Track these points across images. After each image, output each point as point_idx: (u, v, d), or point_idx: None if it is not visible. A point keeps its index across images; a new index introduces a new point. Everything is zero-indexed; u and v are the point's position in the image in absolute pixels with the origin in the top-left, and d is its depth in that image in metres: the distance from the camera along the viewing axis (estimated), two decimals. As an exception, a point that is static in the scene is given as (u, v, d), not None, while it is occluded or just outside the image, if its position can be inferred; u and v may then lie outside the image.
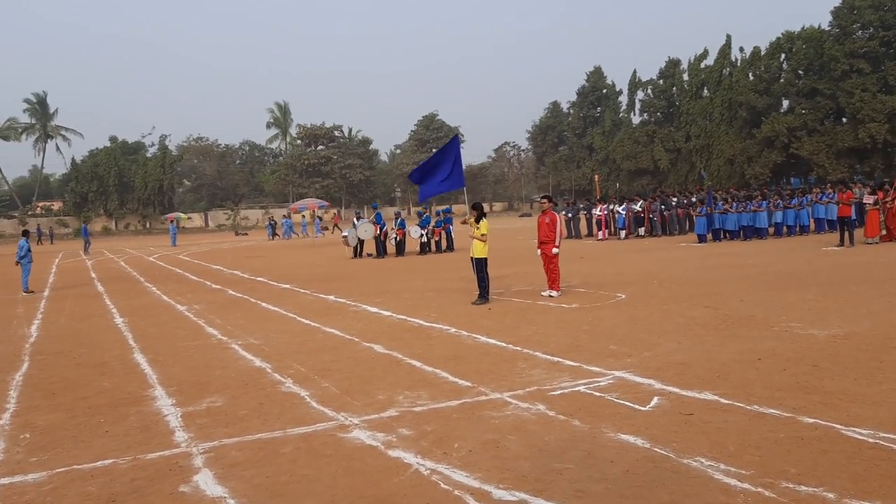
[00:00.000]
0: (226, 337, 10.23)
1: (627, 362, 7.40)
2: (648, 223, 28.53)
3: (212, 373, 7.89)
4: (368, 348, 8.86)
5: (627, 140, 73.07)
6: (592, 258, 20.44)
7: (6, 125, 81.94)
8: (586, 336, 8.96)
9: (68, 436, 5.73)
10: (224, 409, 6.34)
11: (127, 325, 11.90)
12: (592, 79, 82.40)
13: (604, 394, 6.24)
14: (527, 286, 14.27)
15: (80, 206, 78.20)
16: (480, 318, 10.83)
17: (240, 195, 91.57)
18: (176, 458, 5.09)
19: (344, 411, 6.08)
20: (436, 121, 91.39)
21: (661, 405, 5.84)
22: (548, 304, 11.79)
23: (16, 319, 13.39)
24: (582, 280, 14.91)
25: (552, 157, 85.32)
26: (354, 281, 17.43)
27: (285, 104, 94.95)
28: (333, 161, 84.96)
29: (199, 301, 14.86)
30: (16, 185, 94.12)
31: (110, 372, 8.23)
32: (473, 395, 6.44)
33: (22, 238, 19.38)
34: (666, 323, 9.56)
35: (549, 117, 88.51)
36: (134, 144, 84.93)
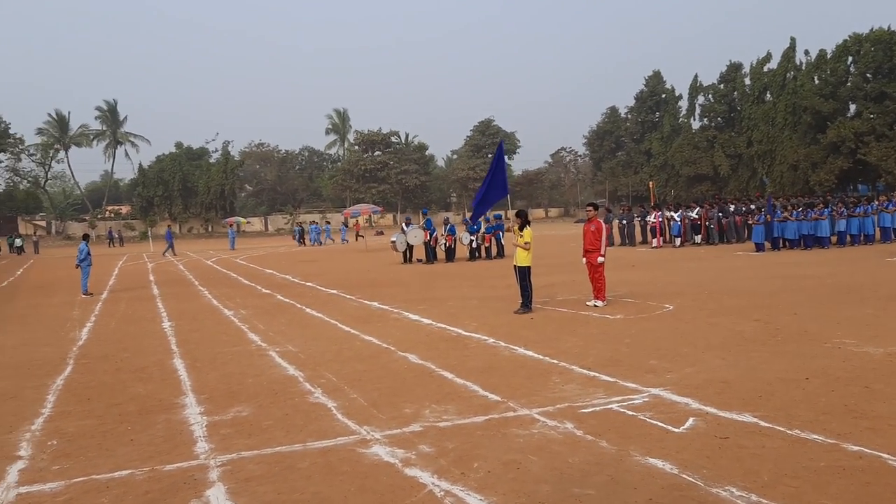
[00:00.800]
0: (265, 343, 10.27)
1: (666, 379, 7.11)
2: (705, 231, 27.76)
3: (244, 381, 7.90)
4: (403, 358, 8.76)
5: (687, 145, 71.54)
6: (644, 267, 19.96)
7: (79, 132, 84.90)
8: (627, 350, 8.67)
9: (94, 443, 5.77)
10: (249, 420, 6.31)
11: (172, 330, 12.08)
12: (651, 83, 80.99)
13: (637, 413, 5.99)
14: (572, 295, 13.98)
15: (146, 210, 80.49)
16: (521, 328, 10.62)
17: (299, 200, 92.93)
18: (193, 470, 5.06)
19: (367, 425, 5.98)
20: (492, 126, 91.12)
21: (695, 427, 5.56)
22: (591, 315, 11.50)
23: (69, 322, 13.74)
24: (630, 289, 14.54)
25: (609, 163, 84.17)
26: (401, 287, 17.39)
27: (344, 111, 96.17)
28: (390, 166, 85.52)
29: (246, 306, 15.02)
30: (88, 190, 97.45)
31: (147, 377, 8.32)
32: (501, 410, 6.26)
33: (82, 242, 19.96)
34: (712, 337, 9.19)
35: (606, 122, 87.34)
36: (198, 150, 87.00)
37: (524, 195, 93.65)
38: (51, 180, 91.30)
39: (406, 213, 71.81)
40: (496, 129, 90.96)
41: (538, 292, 13.76)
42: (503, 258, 24.93)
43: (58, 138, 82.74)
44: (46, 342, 11.32)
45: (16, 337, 12.07)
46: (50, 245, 67.68)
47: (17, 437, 6.06)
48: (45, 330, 12.78)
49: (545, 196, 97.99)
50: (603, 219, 27.17)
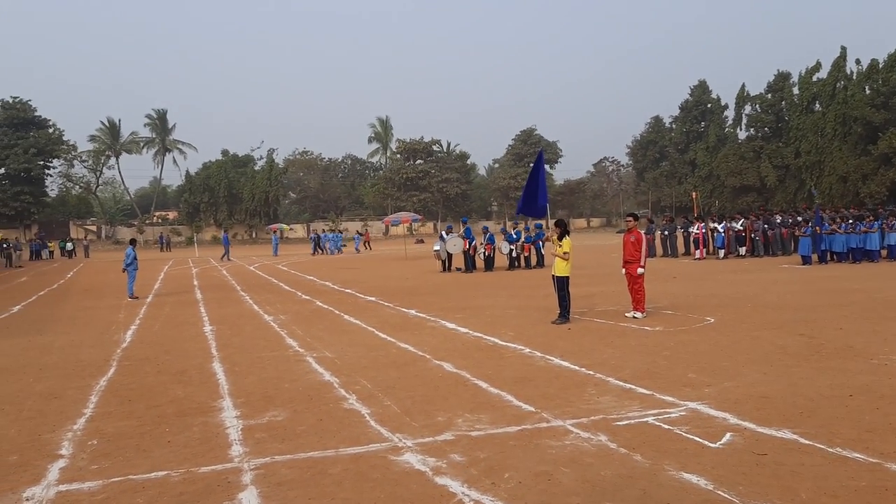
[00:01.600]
0: (303, 349, 10.37)
1: (704, 393, 6.99)
2: (750, 243, 27.27)
3: (281, 385, 7.98)
4: (438, 366, 8.76)
5: (732, 156, 70.45)
6: (686, 278, 19.67)
7: (129, 139, 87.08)
8: (665, 362, 8.55)
9: (132, 444, 5.88)
10: (284, 424, 6.37)
11: (213, 334, 12.27)
12: (696, 93, 80.00)
13: (673, 426, 5.89)
14: (612, 306, 13.84)
15: (192, 215, 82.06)
16: (558, 338, 10.54)
17: (341, 207, 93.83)
18: (227, 473, 5.12)
19: (400, 432, 5.99)
20: (534, 135, 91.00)
21: (732, 442, 5.45)
22: (630, 326, 11.37)
23: (115, 324, 14.05)
24: (670, 301, 14.34)
25: (653, 173, 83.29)
26: (438, 296, 17.41)
27: (386, 119, 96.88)
28: (431, 175, 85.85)
29: (285, 311, 15.19)
30: (137, 196, 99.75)
31: (187, 380, 8.46)
32: (535, 421, 6.22)
33: (129, 246, 20.42)
34: (753, 351, 9.01)
35: (650, 132, 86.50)
36: (244, 157, 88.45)
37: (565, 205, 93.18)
38: (102, 186, 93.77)
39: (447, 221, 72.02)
40: (538, 138, 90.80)
41: (577, 303, 13.66)
42: (542, 268, 24.79)
43: (109, 145, 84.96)
44: (92, 344, 11.59)
45: (64, 338, 12.38)
46: (100, 249, 69.40)
47: (60, 436, 6.21)
48: (92, 332, 13.08)
49: (587, 206, 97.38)
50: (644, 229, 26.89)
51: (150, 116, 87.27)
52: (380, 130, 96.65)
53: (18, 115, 74.67)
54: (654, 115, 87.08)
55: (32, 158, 73.76)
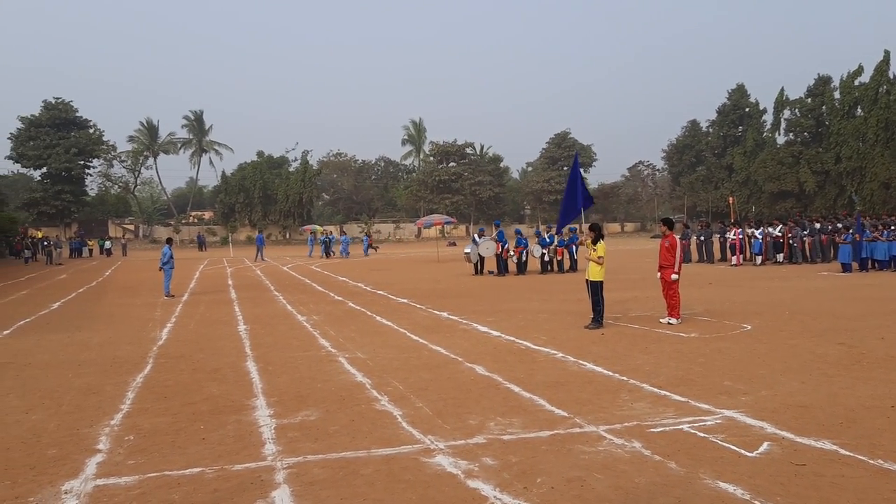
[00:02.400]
0: (335, 350, 10.42)
1: (741, 401, 6.87)
2: (788, 249, 26.81)
3: (314, 385, 8.02)
4: (470, 369, 8.74)
5: (771, 161, 69.34)
6: (722, 284, 19.39)
7: (167, 140, 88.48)
8: (700, 369, 8.43)
9: (168, 441, 5.96)
10: (317, 424, 6.40)
11: (247, 333, 12.39)
12: (734, 97, 78.92)
13: (708, 434, 5.80)
14: (646, 312, 13.70)
15: (227, 216, 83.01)
16: (591, 343, 10.46)
17: (374, 209, 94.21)
18: (260, 471, 5.16)
19: (432, 434, 5.98)
20: (568, 139, 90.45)
21: (770, 452, 5.35)
22: (664, 332, 11.23)
23: (151, 322, 14.26)
24: (706, 308, 14.15)
25: (688, 177, 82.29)
26: (471, 298, 17.38)
27: (420, 121, 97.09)
28: (464, 178, 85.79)
29: (318, 312, 15.29)
30: (174, 196, 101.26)
31: (221, 378, 8.55)
32: (567, 426, 6.17)
33: (165, 245, 20.73)
34: (791, 359, 8.84)
35: (686, 136, 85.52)
36: (279, 159, 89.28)
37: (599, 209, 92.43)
38: (140, 186, 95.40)
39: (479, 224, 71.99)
40: (572, 141, 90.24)
41: (610, 308, 13.55)
42: (576, 272, 24.63)
43: (147, 145, 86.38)
44: (129, 341, 11.77)
45: (102, 335, 12.59)
46: (137, 248, 70.56)
47: (98, 430, 6.31)
48: (129, 329, 13.29)
49: (621, 210, 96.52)
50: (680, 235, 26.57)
51: (188, 118, 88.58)
52: (413, 133, 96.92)
53: (60, 115, 76.31)
54: (691, 119, 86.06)
55: (73, 158, 75.31)
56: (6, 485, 4.99)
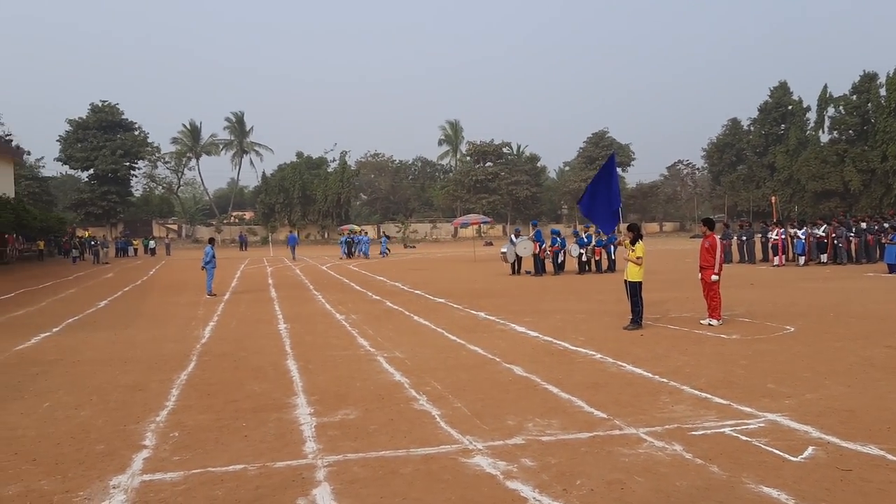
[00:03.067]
0: (374, 349, 10.50)
1: (785, 404, 6.77)
2: (832, 250, 26.25)
3: (353, 384, 8.10)
4: (508, 370, 8.74)
5: (814, 159, 68.06)
6: (764, 285, 19.08)
7: (209, 142, 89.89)
8: (742, 371, 8.31)
9: (211, 437, 6.07)
10: (356, 423, 6.46)
11: (288, 332, 12.55)
12: (777, 94, 77.63)
13: (751, 438, 5.72)
14: (686, 313, 13.54)
15: (267, 216, 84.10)
16: (630, 344, 10.38)
17: (411, 209, 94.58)
18: (301, 469, 5.23)
19: (470, 435, 6.00)
20: (605, 138, 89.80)
21: (815, 456, 5.26)
22: (705, 334, 11.10)
23: (194, 321, 14.52)
24: (747, 309, 13.93)
25: (729, 177, 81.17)
26: (508, 298, 17.37)
27: (457, 122, 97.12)
28: (501, 177, 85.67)
29: (357, 311, 15.42)
30: (216, 196, 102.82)
31: (263, 377, 8.68)
32: (607, 428, 6.14)
33: (208, 245, 21.07)
34: (837, 362, 8.67)
35: (727, 134, 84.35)
36: (317, 160, 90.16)
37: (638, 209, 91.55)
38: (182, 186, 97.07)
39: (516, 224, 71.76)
40: (610, 140, 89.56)
41: (650, 309, 13.43)
42: (613, 272, 24.45)
43: (190, 147, 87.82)
44: (173, 339, 12.01)
45: (147, 332, 12.87)
46: (180, 247, 71.84)
47: (144, 427, 6.46)
48: (173, 327, 13.55)
49: (660, 210, 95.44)
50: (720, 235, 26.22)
51: (229, 119, 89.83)
52: (450, 133, 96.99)
53: (107, 117, 78.12)
54: (732, 118, 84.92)
55: (119, 160, 77.07)
56: (57, 479, 5.13)
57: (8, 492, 4.91)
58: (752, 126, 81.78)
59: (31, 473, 5.28)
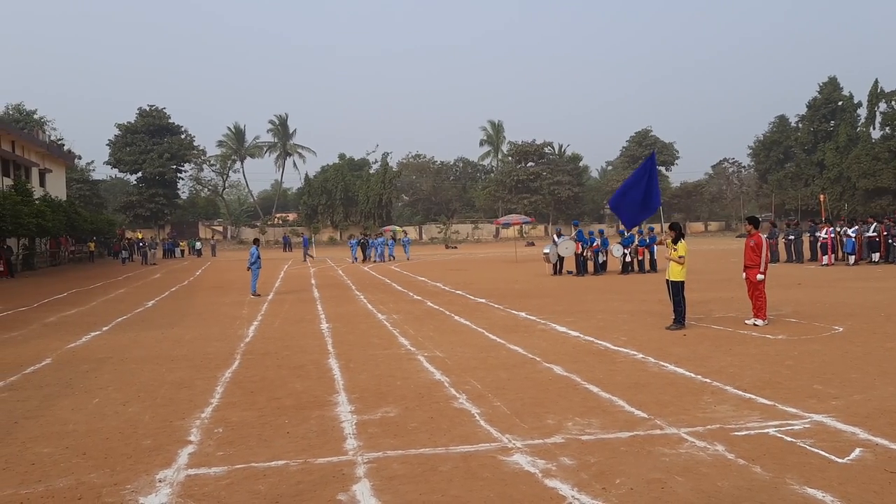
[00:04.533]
0: (414, 348, 10.56)
1: (832, 405, 6.63)
2: (885, 248, 25.54)
3: (393, 383, 8.16)
4: (548, 369, 8.72)
5: (865, 156, 66.32)
6: (812, 285, 18.67)
7: (253, 144, 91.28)
8: (788, 372, 8.16)
9: (254, 433, 6.18)
10: (396, 420, 6.52)
11: (330, 331, 12.68)
12: (826, 90, 75.81)
13: (796, 439, 5.62)
14: (730, 313, 13.33)
15: (310, 217, 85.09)
16: (672, 344, 10.26)
17: (452, 210, 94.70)
18: (342, 465, 5.30)
19: (510, 433, 6.00)
20: (649, 136, 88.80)
21: (862, 458, 5.15)
22: (750, 334, 10.91)
23: (238, 320, 14.76)
24: (794, 309, 13.66)
25: (776, 175, 79.55)
26: (549, 298, 17.29)
27: (499, 122, 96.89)
28: (542, 177, 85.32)
29: (398, 311, 15.51)
30: (260, 198, 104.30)
31: (305, 374, 8.80)
32: (647, 427, 6.09)
33: (253, 246, 21.40)
34: (887, 363, 8.46)
35: (774, 132, 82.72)
36: (359, 161, 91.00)
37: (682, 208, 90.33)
38: (227, 189, 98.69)
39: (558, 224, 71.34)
40: (653, 139, 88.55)
41: (693, 308, 13.26)
42: (656, 272, 24.16)
43: (235, 150, 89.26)
44: (218, 338, 12.23)
45: (193, 331, 13.13)
46: (225, 248, 73.09)
47: (189, 423, 6.60)
48: (218, 326, 13.81)
49: (705, 209, 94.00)
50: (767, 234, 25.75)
51: (273, 122, 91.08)
52: (491, 133, 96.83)
53: (154, 122, 79.89)
54: (779, 115, 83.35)
55: (166, 163, 78.77)
56: (106, 472, 5.28)
57: (60, 484, 5.07)
58: (800, 123, 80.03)
59: (81, 467, 5.44)
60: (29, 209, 35.90)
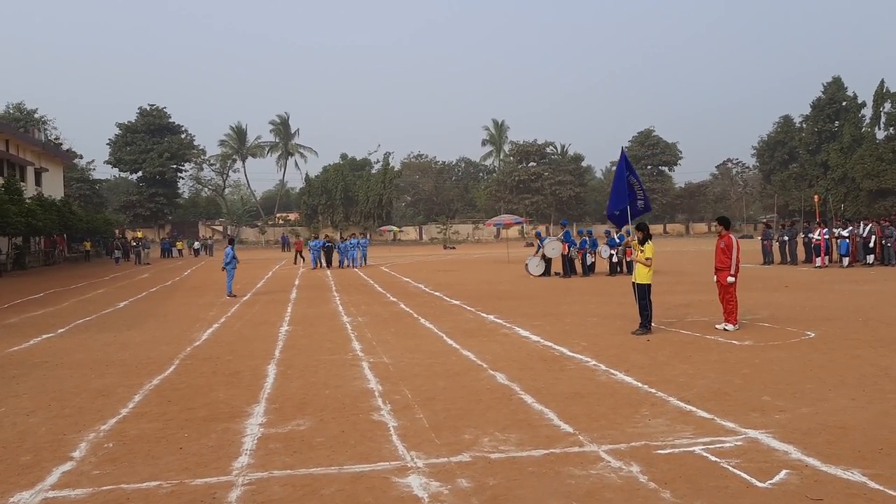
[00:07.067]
0: (363, 353, 10.13)
1: (773, 420, 6.15)
2: (880, 250, 24.95)
3: (322, 391, 7.72)
4: (490, 377, 8.26)
5: (869, 157, 65.53)
6: (799, 287, 18.13)
7: (254, 144, 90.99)
8: (741, 381, 7.68)
9: (144, 450, 5.73)
10: (303, 435, 6.07)
11: (286, 335, 12.25)
12: (830, 90, 74.97)
13: (721, 459, 5.15)
14: (704, 317, 12.85)
15: (310, 217, 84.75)
16: (632, 350, 9.79)
17: (454, 210, 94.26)
18: (218, 487, 4.85)
19: (417, 450, 5.55)
20: (652, 136, 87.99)
21: (786, 482, 4.67)
22: (716, 340, 10.43)
23: (200, 322, 14.34)
24: (772, 312, 13.17)
25: (780, 175, 78.73)
26: (526, 301, 16.82)
27: (501, 122, 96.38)
28: (544, 177, 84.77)
29: (366, 313, 15.07)
30: (264, 197, 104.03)
31: (235, 382, 8.36)
32: (567, 444, 5.63)
33: (228, 246, 21.02)
34: (848, 372, 7.97)
35: (778, 132, 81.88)
36: (361, 161, 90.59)
37: (686, 208, 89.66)
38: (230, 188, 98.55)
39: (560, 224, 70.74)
40: (656, 139, 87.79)
41: (669, 312, 12.85)
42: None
43: (237, 149, 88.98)
44: (168, 341, 11.80)
45: (147, 334, 12.71)
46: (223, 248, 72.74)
47: (82, 437, 6.15)
48: (176, 328, 13.39)
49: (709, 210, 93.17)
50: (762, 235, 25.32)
51: (274, 122, 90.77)
52: (494, 133, 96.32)
53: (154, 121, 79.75)
54: (784, 115, 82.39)
55: (166, 162, 78.62)
56: (-35, 492, 4.86)
57: None
58: (804, 123, 79.18)
59: (-58, 485, 5.02)
60: (18, 208, 35.63)
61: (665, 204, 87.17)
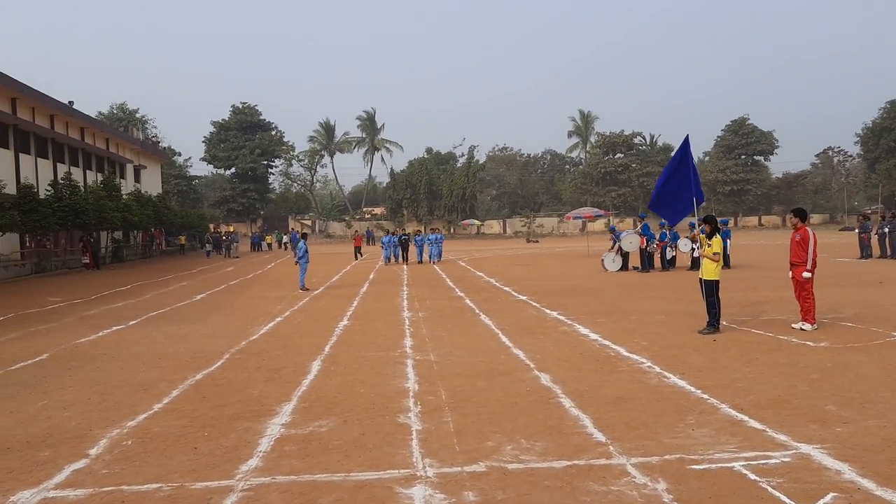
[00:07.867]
0: (412, 350, 9.90)
1: (833, 433, 5.53)
2: None
3: (356, 390, 7.52)
4: (534, 378, 7.87)
5: None
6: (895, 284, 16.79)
7: (342, 139, 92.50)
8: (807, 388, 7.02)
9: (160, 449, 5.65)
10: (322, 437, 5.86)
11: (342, 330, 12.17)
12: (945, 70, 69.72)
13: (762, 478, 4.63)
14: (781, 315, 12.03)
15: (395, 211, 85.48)
16: (693, 351, 9.18)
17: (539, 203, 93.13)
18: (216, 492, 4.68)
19: (432, 457, 5.25)
20: (746, 125, 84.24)
21: (830, 508, 4.13)
22: (790, 340, 9.66)
23: (265, 315, 14.45)
24: (858, 311, 12.19)
25: (886, 164, 73.95)
26: (595, 297, 16.22)
27: (588, 112, 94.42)
28: (631, 169, 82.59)
29: (429, 308, 14.86)
30: (353, 192, 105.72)
31: (276, 378, 8.28)
32: (594, 455, 5.20)
33: (301, 241, 21.26)
34: (933, 380, 7.17)
35: (885, 118, 76.85)
36: (446, 155, 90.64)
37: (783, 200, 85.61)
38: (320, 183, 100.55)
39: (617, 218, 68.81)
40: (751, 128, 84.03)
41: (744, 309, 12.17)
42: (729, 268, 22.48)
43: (325, 145, 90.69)
44: (228, 334, 11.89)
45: (210, 328, 12.88)
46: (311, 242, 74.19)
47: (106, 433, 6.13)
48: (239, 322, 13.52)
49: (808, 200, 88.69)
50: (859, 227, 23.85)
51: (361, 117, 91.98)
52: (580, 124, 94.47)
53: (247, 118, 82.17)
54: (890, 100, 77.20)
55: (257, 158, 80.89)
56: (-25, 488, 4.87)
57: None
58: (914, 107, 74.11)
59: (-44, 481, 5.06)
60: (114, 204, 37.31)
61: (760, 195, 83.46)
